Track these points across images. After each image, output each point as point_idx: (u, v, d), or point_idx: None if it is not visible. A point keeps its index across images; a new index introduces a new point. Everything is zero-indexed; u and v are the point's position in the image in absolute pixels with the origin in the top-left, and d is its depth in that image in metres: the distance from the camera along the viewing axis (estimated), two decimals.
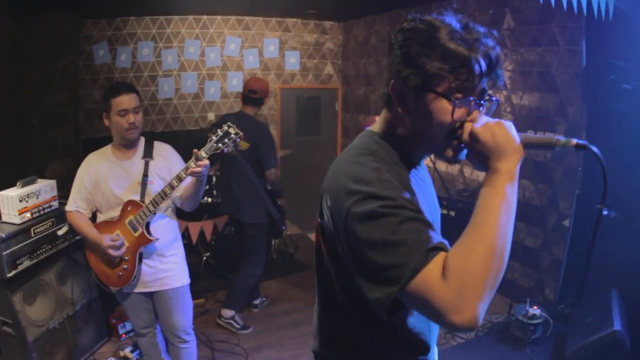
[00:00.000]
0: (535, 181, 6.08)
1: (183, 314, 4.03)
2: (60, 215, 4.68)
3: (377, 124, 1.77)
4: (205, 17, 8.52)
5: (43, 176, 4.84)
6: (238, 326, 5.73)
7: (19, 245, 4.24)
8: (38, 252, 4.44)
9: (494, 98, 1.65)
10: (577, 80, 5.54)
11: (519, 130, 1.60)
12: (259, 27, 9.05)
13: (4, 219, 4.35)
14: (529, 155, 6.07)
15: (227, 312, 5.76)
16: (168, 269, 3.90)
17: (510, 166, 1.49)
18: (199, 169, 3.44)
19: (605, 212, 1.60)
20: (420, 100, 1.57)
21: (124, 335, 5.34)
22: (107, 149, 3.84)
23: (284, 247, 8.24)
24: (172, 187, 3.58)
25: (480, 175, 6.84)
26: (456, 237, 1.45)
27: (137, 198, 3.72)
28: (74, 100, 7.35)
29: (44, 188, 4.60)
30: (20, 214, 4.32)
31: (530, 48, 6.02)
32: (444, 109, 1.54)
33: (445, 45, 1.49)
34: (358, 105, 9.50)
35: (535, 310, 5.26)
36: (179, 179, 3.55)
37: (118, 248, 3.67)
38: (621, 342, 4.17)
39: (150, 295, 3.96)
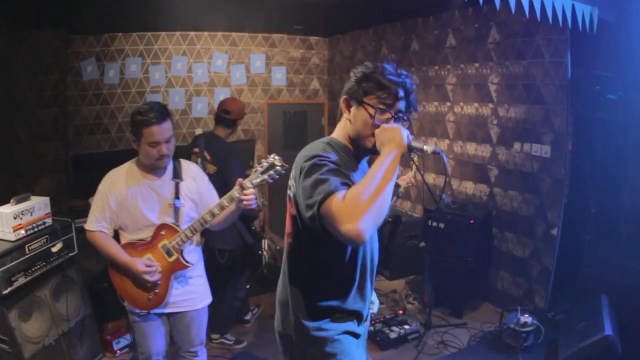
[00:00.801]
0: (523, 192, 6.15)
1: (201, 332, 4.01)
2: (54, 232, 4.66)
3: (334, 131, 2.69)
4: (192, 33, 8.57)
5: (32, 192, 4.83)
6: (230, 342, 5.71)
7: (13, 263, 4.21)
8: (33, 269, 4.41)
9: (406, 117, 2.53)
10: (563, 92, 5.62)
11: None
12: (246, 43, 9.11)
13: None
14: (516, 167, 6.16)
15: (215, 335, 5.73)
16: (194, 290, 3.84)
17: (389, 149, 2.31)
18: (249, 198, 3.44)
19: (444, 198, 2.79)
20: (359, 107, 2.50)
21: (118, 352, 5.31)
22: (132, 166, 3.69)
23: (273, 262, 8.25)
24: (213, 215, 3.53)
25: (468, 187, 6.92)
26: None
27: (170, 221, 3.63)
28: (63, 116, 7.36)
29: (38, 205, 4.59)
30: (14, 230, 4.30)
31: (515, 61, 6.11)
32: (370, 114, 2.47)
33: (378, 77, 2.46)
34: None
35: (526, 318, 5.30)
36: (221, 207, 3.50)
37: (152, 274, 3.57)
38: (612, 346, 4.23)
39: (168, 316, 3.87)
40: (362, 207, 2.05)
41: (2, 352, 4.29)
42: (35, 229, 4.54)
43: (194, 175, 3.80)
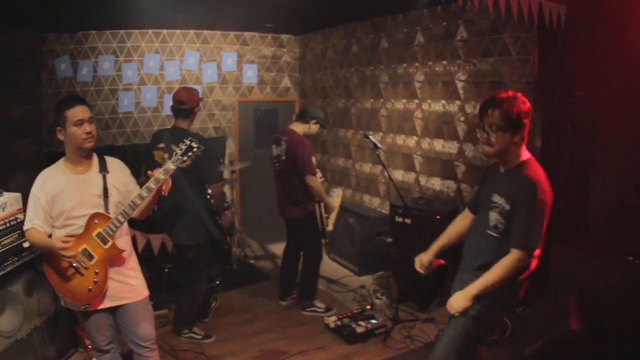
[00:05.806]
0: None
1: (150, 324, 4.08)
2: None
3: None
4: (164, 31, 8.60)
5: (7, 189, 4.84)
6: (199, 337, 5.75)
7: None
8: (4, 265, 4.44)
9: None
10: (530, 89, 5.72)
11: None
12: (217, 41, 9.16)
13: None
14: (483, 163, 6.22)
15: (184, 330, 5.78)
16: (132, 282, 3.95)
17: None
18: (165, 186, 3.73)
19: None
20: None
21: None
22: (60, 164, 3.81)
23: (244, 258, 8.29)
24: (142, 198, 3.67)
25: (436, 183, 7.03)
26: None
27: (101, 211, 3.74)
28: (36, 114, 7.36)
29: (9, 201, 4.62)
30: None
31: (483, 58, 6.23)
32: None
33: None
34: None
35: None
36: (149, 189, 3.66)
37: (68, 248, 3.56)
38: (578, 342, 4.25)
39: (113, 310, 3.94)
40: None
41: None
42: (7, 225, 4.57)
43: (119, 167, 3.99)
